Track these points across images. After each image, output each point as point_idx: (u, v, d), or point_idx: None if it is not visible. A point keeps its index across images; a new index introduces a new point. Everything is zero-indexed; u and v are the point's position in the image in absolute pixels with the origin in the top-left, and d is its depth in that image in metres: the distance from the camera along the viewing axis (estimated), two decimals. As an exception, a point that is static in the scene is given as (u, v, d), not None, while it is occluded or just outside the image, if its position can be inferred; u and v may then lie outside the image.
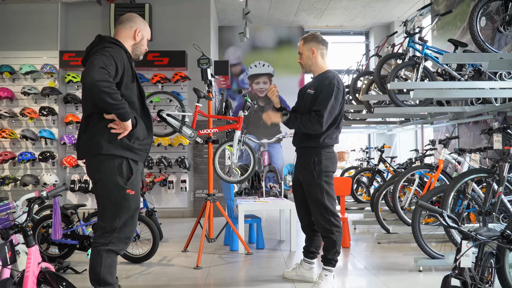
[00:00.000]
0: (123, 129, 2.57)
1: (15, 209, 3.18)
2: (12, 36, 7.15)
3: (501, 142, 4.07)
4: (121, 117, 2.52)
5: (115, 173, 2.58)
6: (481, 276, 2.40)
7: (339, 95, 3.34)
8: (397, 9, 8.99)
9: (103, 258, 2.54)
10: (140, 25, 2.79)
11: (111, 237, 2.57)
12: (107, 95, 2.39)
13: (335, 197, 3.42)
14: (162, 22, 7.47)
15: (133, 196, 2.62)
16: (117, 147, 2.59)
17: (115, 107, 2.45)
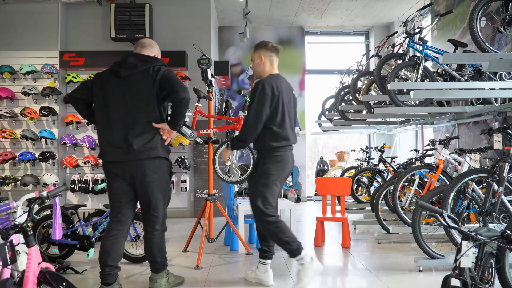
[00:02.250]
0: (170, 136, 3.20)
1: (15, 209, 3.18)
2: (12, 36, 7.15)
3: (501, 142, 4.07)
4: (178, 127, 3.21)
5: (166, 172, 3.23)
6: (481, 276, 2.40)
7: (262, 96, 3.38)
8: (397, 9, 8.99)
9: (163, 238, 3.32)
10: (156, 52, 3.37)
11: (164, 222, 3.30)
12: (187, 110, 3.16)
13: (272, 201, 3.44)
14: (162, 22, 7.47)
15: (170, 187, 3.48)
16: (166, 151, 3.24)
17: (184, 119, 3.19)
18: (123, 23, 7.02)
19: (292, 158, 3.60)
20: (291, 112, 3.56)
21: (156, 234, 3.25)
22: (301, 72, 10.09)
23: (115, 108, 3.07)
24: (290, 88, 3.65)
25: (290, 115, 3.55)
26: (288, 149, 3.53)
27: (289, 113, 3.52)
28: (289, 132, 3.50)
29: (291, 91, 3.65)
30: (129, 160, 3.04)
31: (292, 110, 3.59)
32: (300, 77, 10.08)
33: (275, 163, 3.44)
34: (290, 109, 3.55)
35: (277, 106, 3.43)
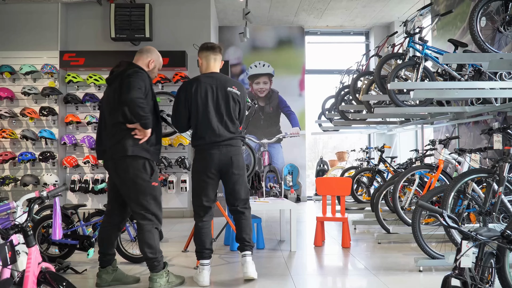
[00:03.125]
0: (144, 135, 3.29)
1: (15, 209, 3.18)
2: (12, 36, 7.15)
3: (501, 142, 4.07)
4: (145, 126, 3.25)
5: (140, 171, 3.31)
6: (481, 276, 2.40)
7: (175, 98, 3.65)
8: (397, 9, 8.99)
9: (154, 234, 3.37)
10: (152, 55, 3.57)
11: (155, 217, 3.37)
12: (141, 109, 3.18)
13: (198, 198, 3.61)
14: (162, 22, 7.47)
15: (157, 187, 3.40)
16: (138, 150, 3.30)
17: (143, 118, 3.21)
18: (123, 23, 7.02)
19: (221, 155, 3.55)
20: (220, 109, 3.55)
21: (141, 229, 3.35)
22: (301, 72, 10.09)
23: (105, 113, 3.46)
24: (224, 84, 3.60)
25: (219, 112, 3.55)
26: (208, 147, 3.55)
27: (216, 110, 3.55)
28: (209, 131, 3.53)
29: (226, 87, 3.59)
30: (106, 160, 3.42)
31: (223, 106, 3.56)
32: (300, 77, 10.08)
33: (196, 161, 3.64)
34: (219, 106, 3.55)
35: (191, 107, 3.57)
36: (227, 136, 3.56)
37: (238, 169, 3.60)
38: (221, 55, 3.74)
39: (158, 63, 3.62)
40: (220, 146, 3.55)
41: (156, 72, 3.65)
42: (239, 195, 3.65)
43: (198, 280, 3.56)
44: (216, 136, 3.54)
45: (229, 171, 3.59)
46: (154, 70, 3.60)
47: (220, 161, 3.55)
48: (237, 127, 3.65)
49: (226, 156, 3.56)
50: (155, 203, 3.38)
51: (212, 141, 3.54)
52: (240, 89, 3.67)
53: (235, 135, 3.61)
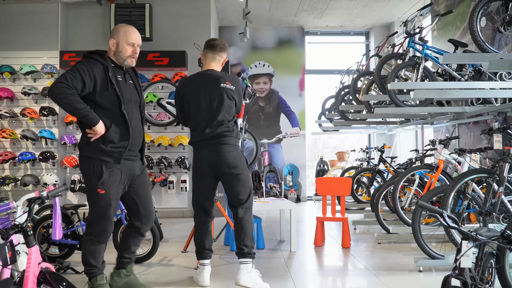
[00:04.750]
0: (94, 133, 2.96)
1: (15, 209, 3.18)
2: (12, 36, 7.15)
3: (501, 142, 4.07)
4: (89, 122, 2.93)
5: (91, 173, 3.01)
6: (481, 277, 2.40)
7: (175, 95, 3.63)
8: (397, 9, 8.98)
9: (88, 245, 3.10)
10: (113, 35, 3.15)
11: (91, 228, 3.09)
12: (67, 105, 2.86)
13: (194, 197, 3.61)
14: (162, 22, 7.47)
15: (103, 196, 2.99)
16: (92, 150, 3.00)
17: (78, 113, 2.89)
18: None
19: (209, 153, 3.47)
20: (212, 107, 3.44)
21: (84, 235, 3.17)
22: (301, 72, 10.09)
23: None
24: (217, 81, 3.48)
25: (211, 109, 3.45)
26: (198, 146, 3.50)
27: (208, 108, 3.45)
28: (199, 128, 3.48)
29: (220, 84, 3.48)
30: None
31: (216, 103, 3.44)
32: (300, 77, 10.07)
33: (193, 160, 3.64)
34: (212, 103, 3.44)
35: (185, 105, 3.56)
36: (216, 133, 3.42)
37: (228, 167, 3.41)
38: (222, 54, 3.58)
39: (121, 39, 3.10)
40: (208, 144, 3.45)
41: (128, 52, 3.09)
42: (234, 195, 3.49)
43: (198, 280, 3.56)
44: (204, 134, 3.45)
45: (220, 170, 3.44)
46: (119, 47, 3.09)
47: (208, 159, 3.45)
48: (232, 124, 3.51)
49: (214, 154, 3.43)
50: (98, 213, 3.03)
51: (201, 139, 3.47)
52: (234, 83, 3.52)
53: (226, 133, 3.45)
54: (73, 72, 2.89)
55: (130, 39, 3.10)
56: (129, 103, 3.09)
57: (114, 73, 3.05)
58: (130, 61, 3.12)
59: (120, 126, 3.02)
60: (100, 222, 3.05)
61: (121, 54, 3.09)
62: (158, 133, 7.31)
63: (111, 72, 3.02)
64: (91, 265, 3.13)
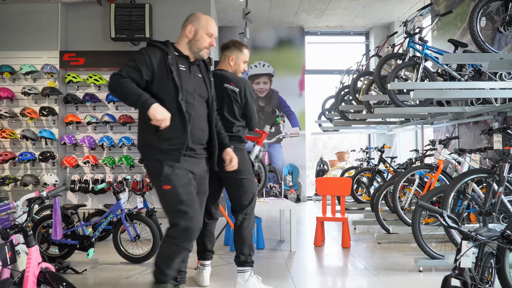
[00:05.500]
0: (155, 120, 2.56)
1: (15, 209, 3.19)
2: (12, 36, 7.14)
3: (501, 142, 4.07)
4: (142, 107, 2.59)
5: (152, 172, 2.75)
6: (481, 276, 2.40)
7: None
8: (397, 9, 8.98)
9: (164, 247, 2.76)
10: (192, 21, 2.85)
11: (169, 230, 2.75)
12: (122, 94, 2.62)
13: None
14: (162, 22, 7.46)
15: (170, 191, 2.70)
16: (148, 151, 2.75)
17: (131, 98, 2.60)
18: (123, 23, 7.02)
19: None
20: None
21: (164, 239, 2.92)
22: (301, 72, 10.09)
23: None
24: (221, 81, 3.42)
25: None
26: None
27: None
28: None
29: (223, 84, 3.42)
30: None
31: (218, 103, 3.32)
32: (300, 77, 10.07)
33: None
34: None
35: None
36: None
37: (230, 171, 3.19)
38: (226, 52, 3.50)
39: (200, 27, 2.83)
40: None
41: (206, 42, 2.85)
42: (235, 199, 3.42)
43: (198, 280, 3.56)
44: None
45: (222, 173, 3.28)
46: (197, 36, 2.83)
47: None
48: (236, 126, 3.41)
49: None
50: (170, 211, 2.73)
51: None
52: (239, 85, 3.39)
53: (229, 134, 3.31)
54: (129, 63, 2.70)
55: (210, 28, 2.85)
56: (190, 96, 2.77)
57: (176, 62, 2.75)
58: (205, 52, 2.87)
59: (177, 120, 2.68)
60: (178, 220, 2.69)
61: (198, 43, 2.83)
62: (158, 133, 7.30)
63: (171, 59, 2.73)
64: (160, 270, 2.78)
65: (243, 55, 3.50)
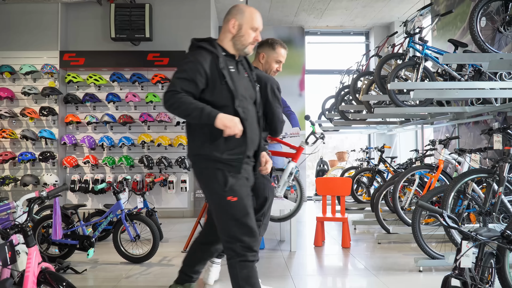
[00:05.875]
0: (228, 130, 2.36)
1: (15, 209, 3.19)
2: (12, 36, 7.14)
3: (501, 142, 4.06)
4: (207, 119, 2.36)
5: (212, 181, 2.47)
6: (481, 277, 2.40)
7: None
8: (397, 9, 8.98)
9: (238, 270, 2.47)
10: (235, 15, 2.58)
11: (235, 248, 2.45)
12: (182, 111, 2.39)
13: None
14: (162, 22, 7.47)
15: (236, 203, 2.45)
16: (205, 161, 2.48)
17: (193, 113, 2.37)
18: (123, 23, 7.02)
19: None
20: None
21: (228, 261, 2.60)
22: (301, 72, 10.08)
23: None
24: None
25: None
26: None
27: None
28: None
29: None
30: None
31: None
32: (300, 77, 10.07)
33: None
34: None
35: None
36: None
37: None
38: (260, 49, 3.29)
39: (245, 21, 2.57)
40: None
41: (251, 38, 2.58)
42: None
43: (203, 277, 3.43)
44: None
45: None
46: (242, 31, 2.57)
47: None
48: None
49: None
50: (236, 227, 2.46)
51: None
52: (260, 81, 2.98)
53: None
54: (180, 75, 2.45)
55: (255, 23, 2.58)
56: (244, 99, 2.54)
57: (226, 64, 2.52)
58: (250, 48, 2.62)
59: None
60: (244, 236, 2.44)
61: (242, 39, 2.57)
62: (158, 133, 7.31)
63: (222, 62, 2.49)
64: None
65: (276, 54, 3.25)
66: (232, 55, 2.60)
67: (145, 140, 7.09)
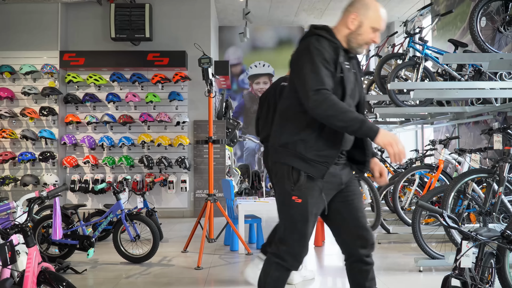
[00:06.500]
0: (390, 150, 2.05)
1: (15, 209, 3.18)
2: (12, 36, 7.14)
3: (501, 142, 4.06)
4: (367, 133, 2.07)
5: (285, 175, 2.25)
6: (481, 277, 2.40)
7: None
8: (397, 9, 8.98)
9: (272, 270, 2.31)
10: (359, 9, 2.23)
11: (280, 248, 2.29)
12: (333, 118, 2.06)
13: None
14: (162, 22, 7.47)
15: (299, 206, 2.22)
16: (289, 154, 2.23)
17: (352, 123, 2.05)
18: (123, 23, 7.02)
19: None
20: None
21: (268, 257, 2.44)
22: (301, 72, 10.08)
23: None
24: None
25: None
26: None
27: None
28: None
29: None
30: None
31: None
32: (300, 77, 10.06)
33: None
34: None
35: None
36: None
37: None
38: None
39: (368, 19, 2.22)
40: None
41: (368, 38, 2.25)
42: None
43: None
44: None
45: None
46: (361, 30, 2.23)
47: None
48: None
49: None
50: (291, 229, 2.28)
51: None
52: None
53: None
54: (318, 69, 2.11)
55: (378, 23, 2.24)
56: (350, 99, 2.27)
57: (344, 58, 2.25)
58: (364, 48, 2.33)
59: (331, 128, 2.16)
60: (293, 242, 2.27)
61: (359, 37, 2.25)
62: (158, 133, 7.31)
63: (342, 56, 2.22)
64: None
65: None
66: (345, 49, 2.29)
67: (145, 140, 7.09)
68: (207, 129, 5.53)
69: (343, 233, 2.37)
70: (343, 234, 2.37)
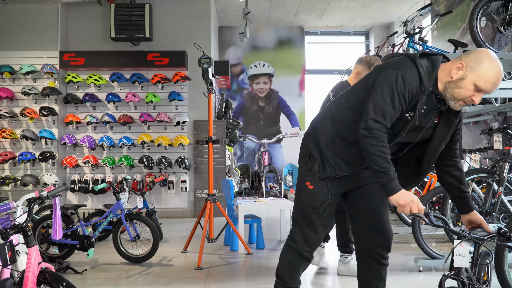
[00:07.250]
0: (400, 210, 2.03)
1: (15, 209, 3.18)
2: (12, 36, 7.14)
3: (501, 142, 4.07)
4: (384, 190, 2.03)
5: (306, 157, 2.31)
6: (477, 277, 2.39)
7: None
8: (397, 9, 8.98)
9: (285, 253, 2.46)
10: (470, 60, 2.03)
11: (293, 232, 2.41)
12: (369, 153, 2.02)
13: None
14: (162, 22, 7.47)
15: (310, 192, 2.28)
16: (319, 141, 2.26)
17: (376, 173, 2.02)
18: (123, 23, 7.02)
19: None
20: None
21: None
22: (301, 72, 10.09)
23: None
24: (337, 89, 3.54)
25: None
26: None
27: None
28: None
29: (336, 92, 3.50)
30: None
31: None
32: (300, 77, 10.07)
33: None
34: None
35: None
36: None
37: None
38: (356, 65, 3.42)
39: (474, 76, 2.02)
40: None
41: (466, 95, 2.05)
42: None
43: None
44: None
45: None
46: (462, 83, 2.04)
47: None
48: None
49: None
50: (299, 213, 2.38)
51: None
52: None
53: None
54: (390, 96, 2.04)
55: (484, 83, 2.02)
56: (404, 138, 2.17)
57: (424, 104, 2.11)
58: (458, 105, 2.10)
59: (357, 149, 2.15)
60: (303, 225, 2.35)
61: (456, 90, 2.05)
62: (158, 133, 7.31)
63: (422, 103, 2.09)
64: (283, 280, 2.44)
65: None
66: (435, 94, 2.12)
67: (145, 140, 7.09)
68: (207, 129, 5.54)
69: (358, 227, 2.39)
70: (358, 227, 2.39)
